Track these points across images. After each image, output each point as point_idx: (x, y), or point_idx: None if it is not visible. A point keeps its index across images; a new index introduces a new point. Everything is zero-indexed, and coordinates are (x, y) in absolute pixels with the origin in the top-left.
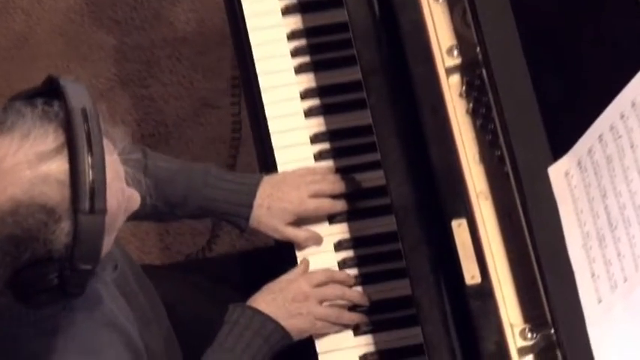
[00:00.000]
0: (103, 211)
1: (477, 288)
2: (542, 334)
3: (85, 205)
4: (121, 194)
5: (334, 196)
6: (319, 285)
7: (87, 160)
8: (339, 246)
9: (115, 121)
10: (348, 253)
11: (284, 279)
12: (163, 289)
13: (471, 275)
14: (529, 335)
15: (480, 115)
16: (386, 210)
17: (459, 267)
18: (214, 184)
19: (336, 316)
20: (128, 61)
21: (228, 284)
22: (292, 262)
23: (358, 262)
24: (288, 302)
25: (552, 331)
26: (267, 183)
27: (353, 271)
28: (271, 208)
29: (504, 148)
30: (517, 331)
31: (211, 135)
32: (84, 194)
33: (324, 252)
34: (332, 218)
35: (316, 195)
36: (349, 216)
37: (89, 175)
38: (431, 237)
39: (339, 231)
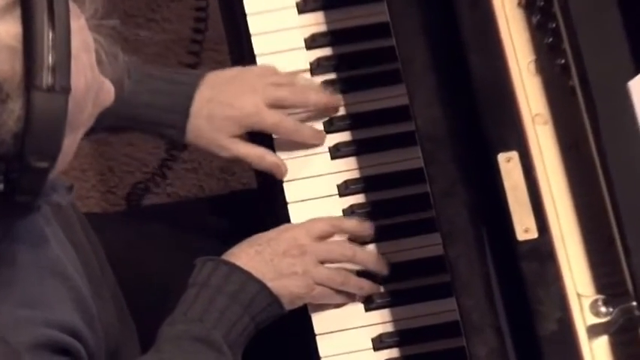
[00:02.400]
0: (66, 89)
1: (532, 246)
2: (621, 307)
3: (43, 80)
4: (90, 72)
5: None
6: (321, 238)
7: (46, 21)
8: (344, 188)
9: None
10: (357, 199)
11: (273, 230)
12: (108, 243)
13: (525, 228)
14: (603, 309)
15: (536, 9)
16: (408, 139)
17: (508, 217)
18: (139, 83)
19: (341, 281)
20: None
21: (197, 236)
22: (282, 217)
23: (371, 210)
24: (278, 257)
25: (635, 303)
26: (209, 82)
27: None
28: (212, 116)
29: (570, 55)
30: (587, 303)
31: (169, 36)
32: (41, 66)
33: (324, 196)
34: (335, 151)
35: (277, 105)
36: (358, 148)
37: (48, 40)
38: (469, 177)
39: (345, 167)
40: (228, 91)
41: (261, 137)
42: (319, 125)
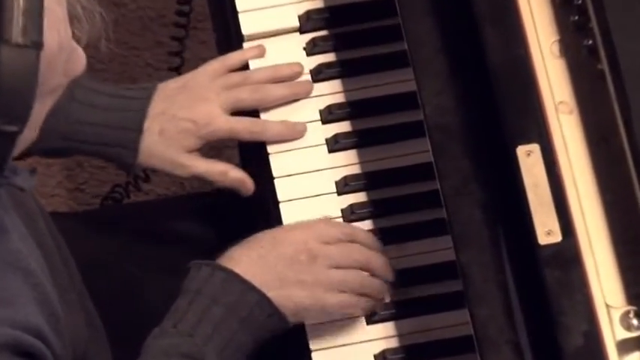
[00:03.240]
0: (38, 44)
1: (555, 250)
2: None
3: (12, 33)
4: (64, 28)
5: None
6: (332, 243)
7: None
8: (343, 185)
9: None
10: (357, 197)
11: (278, 229)
12: (76, 246)
13: (547, 231)
14: (635, 322)
15: None
16: (415, 130)
17: (529, 218)
18: (84, 99)
19: (359, 283)
20: None
21: (177, 239)
22: (274, 217)
23: (373, 210)
24: (284, 262)
25: None
26: (160, 94)
27: (365, 225)
28: (165, 131)
29: (598, 35)
30: (617, 315)
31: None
32: (10, 18)
33: (320, 195)
34: (334, 143)
35: (236, 108)
36: (359, 140)
37: None
38: (485, 172)
39: (344, 162)
40: (180, 101)
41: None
42: (315, 114)
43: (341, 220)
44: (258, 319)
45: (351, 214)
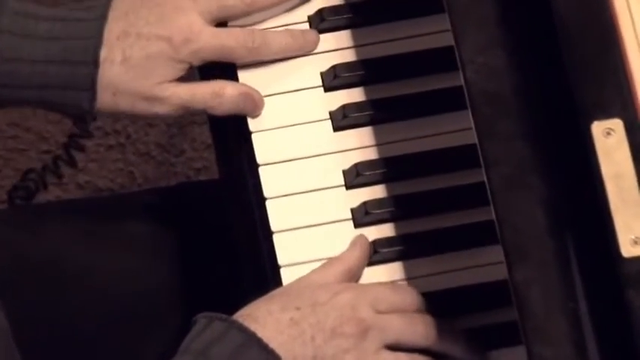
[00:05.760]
0: None
1: None
2: None
3: None
4: None
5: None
6: (391, 311)
7: None
8: (354, 176)
9: None
10: (372, 192)
11: (321, 286)
12: None
13: (633, 238)
14: None
15: None
16: (452, 100)
17: (608, 222)
18: (16, 28)
19: None
20: None
21: (123, 251)
22: (259, 222)
23: (395, 211)
24: (323, 335)
25: None
26: (117, 10)
27: (383, 230)
28: (130, 59)
29: None
30: None
31: None
32: None
33: (322, 189)
34: (341, 118)
35: (222, 17)
36: (375, 113)
37: None
38: (547, 159)
39: (355, 143)
40: (145, 16)
41: None
42: (314, 78)
43: (350, 223)
44: None
45: (364, 215)
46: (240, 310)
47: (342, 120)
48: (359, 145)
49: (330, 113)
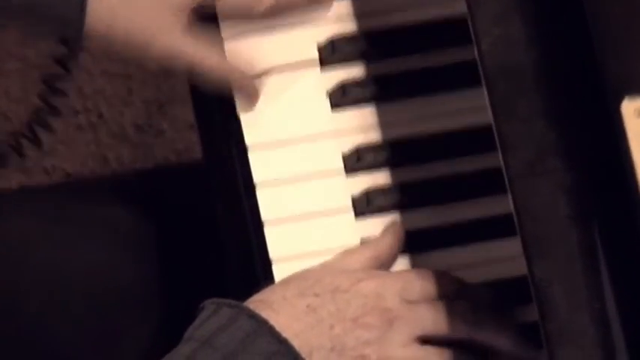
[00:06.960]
0: None
1: None
2: None
3: None
4: None
5: None
6: (423, 300)
7: None
8: (355, 160)
9: None
10: (375, 178)
11: (344, 272)
12: None
13: None
14: None
15: None
16: (464, 76)
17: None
18: None
19: None
20: None
21: (92, 243)
22: (249, 212)
23: (400, 199)
24: (344, 324)
25: None
26: None
27: (388, 222)
28: None
29: None
30: None
31: None
32: None
33: (319, 174)
34: (340, 96)
35: None
36: (378, 90)
37: None
38: (572, 141)
39: (356, 123)
40: None
41: None
42: (310, 50)
43: (351, 212)
44: None
45: (366, 204)
46: (254, 296)
47: (341, 97)
48: (360, 125)
49: (328, 91)
